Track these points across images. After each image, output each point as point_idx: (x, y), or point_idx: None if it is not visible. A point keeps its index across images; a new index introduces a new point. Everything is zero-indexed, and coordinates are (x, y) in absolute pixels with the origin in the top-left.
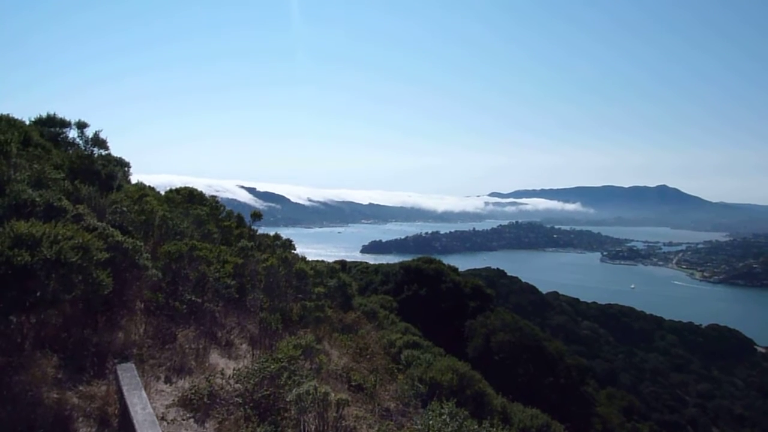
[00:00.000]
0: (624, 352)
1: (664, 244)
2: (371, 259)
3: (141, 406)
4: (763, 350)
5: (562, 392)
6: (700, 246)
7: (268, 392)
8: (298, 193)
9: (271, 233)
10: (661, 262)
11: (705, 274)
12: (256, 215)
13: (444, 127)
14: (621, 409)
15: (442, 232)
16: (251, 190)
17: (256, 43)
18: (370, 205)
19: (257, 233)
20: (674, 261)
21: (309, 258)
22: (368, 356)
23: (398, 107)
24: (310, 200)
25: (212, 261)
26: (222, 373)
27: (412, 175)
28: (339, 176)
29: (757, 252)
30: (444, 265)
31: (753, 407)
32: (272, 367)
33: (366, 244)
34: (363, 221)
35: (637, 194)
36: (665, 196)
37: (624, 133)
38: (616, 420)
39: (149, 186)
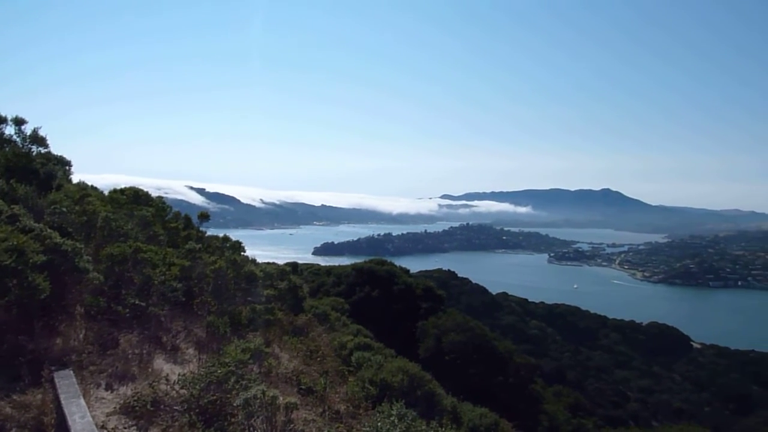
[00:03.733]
0: (570, 351)
1: (608, 246)
2: (323, 261)
3: (80, 414)
4: (699, 346)
5: (511, 391)
6: (641, 247)
7: (214, 397)
8: (249, 194)
9: (221, 235)
10: (605, 263)
11: (645, 274)
12: (205, 216)
13: (400, 130)
14: (567, 405)
15: (394, 234)
16: (201, 191)
17: (205, 46)
18: (323, 206)
19: (206, 235)
20: (617, 262)
21: (260, 260)
22: (319, 359)
23: (354, 110)
24: (262, 201)
25: (158, 264)
26: (167, 379)
27: (368, 177)
28: (292, 178)
29: (693, 253)
30: (396, 266)
31: (690, 401)
32: (219, 371)
33: (318, 245)
34: (315, 223)
35: (583, 197)
36: (609, 199)
37: (573, 137)
38: (563, 416)
39: (92, 186)
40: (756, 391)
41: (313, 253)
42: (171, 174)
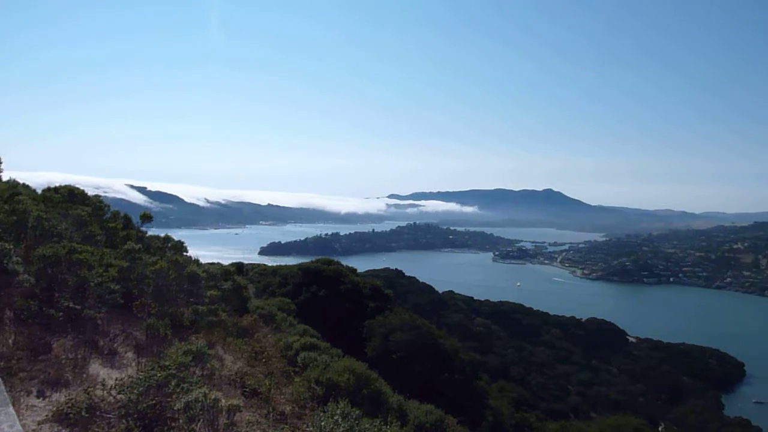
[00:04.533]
0: (514, 347)
1: (550, 244)
2: (270, 261)
3: (8, 423)
4: (635, 340)
5: (457, 387)
6: (581, 246)
7: (154, 402)
8: (194, 193)
9: (163, 235)
10: (546, 261)
11: (585, 271)
12: (146, 216)
13: (349, 130)
14: (511, 400)
15: (342, 234)
16: (142, 190)
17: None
18: (270, 206)
19: (147, 235)
20: (558, 260)
21: (204, 260)
22: (264, 360)
23: (304, 110)
24: (207, 201)
25: (94, 265)
26: (103, 384)
27: (317, 176)
28: (239, 177)
29: (629, 251)
30: (343, 266)
31: (626, 392)
32: (159, 375)
33: (265, 245)
34: (262, 222)
35: (527, 197)
36: (551, 199)
37: (518, 137)
38: (506, 411)
39: (23, 184)
40: (686, 381)
41: (260, 253)
42: (111, 172)
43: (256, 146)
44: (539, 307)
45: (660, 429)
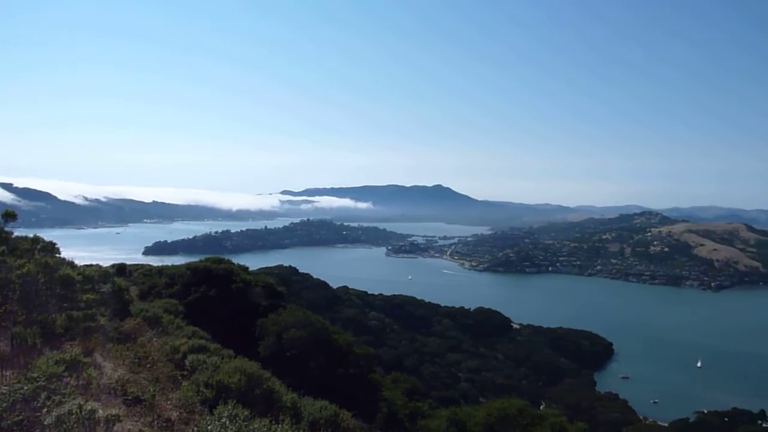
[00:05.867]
0: (407, 339)
1: (440, 238)
2: (155, 261)
3: None
4: (518, 326)
5: (351, 382)
6: (469, 239)
7: (20, 417)
8: (69, 189)
9: (32, 235)
10: (437, 254)
11: (473, 263)
12: (9, 215)
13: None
14: (405, 391)
15: (233, 231)
16: (7, 186)
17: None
18: (155, 203)
19: (12, 236)
20: (448, 253)
21: (80, 262)
22: (148, 365)
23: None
24: (84, 198)
25: None
26: None
27: (206, 172)
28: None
29: (512, 243)
30: (234, 264)
31: (511, 376)
32: (26, 388)
33: (150, 245)
34: (146, 221)
35: (418, 193)
36: (441, 194)
37: (408, 134)
38: (400, 401)
39: None
40: (563, 362)
41: (144, 253)
42: None
43: (140, 140)
44: (430, 299)
45: (541, 408)
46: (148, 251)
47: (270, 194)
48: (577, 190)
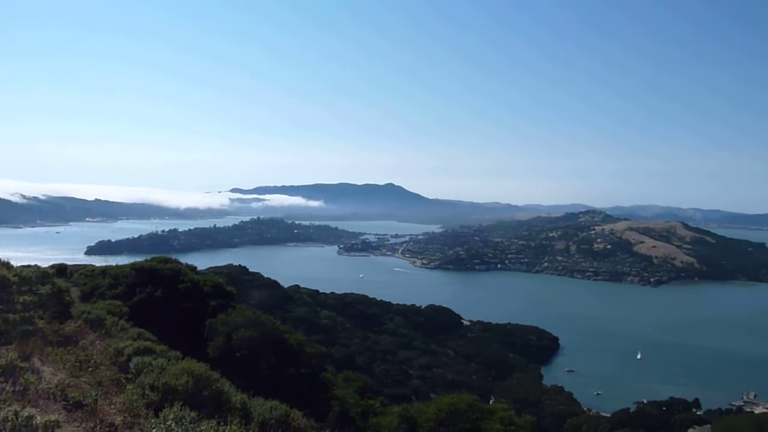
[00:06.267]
0: (359, 337)
1: (392, 236)
2: (99, 261)
3: None
4: (468, 323)
5: (302, 381)
6: (420, 237)
7: None
8: (4, 187)
9: None
10: (389, 252)
11: (424, 261)
12: None
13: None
14: (356, 389)
15: (180, 230)
16: None
17: None
18: (98, 201)
19: None
20: (400, 251)
21: (17, 263)
22: (91, 369)
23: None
24: (22, 196)
25: None
26: None
27: (154, 170)
28: (61, 170)
29: (462, 241)
30: (182, 264)
31: (461, 372)
32: None
33: (92, 244)
34: (88, 219)
35: (369, 191)
36: (392, 193)
37: (358, 133)
38: (352, 400)
39: None
40: (512, 357)
41: (87, 253)
42: None
43: (82, 135)
44: (382, 297)
45: (490, 402)
46: (90, 251)
47: (219, 192)
48: (525, 188)
